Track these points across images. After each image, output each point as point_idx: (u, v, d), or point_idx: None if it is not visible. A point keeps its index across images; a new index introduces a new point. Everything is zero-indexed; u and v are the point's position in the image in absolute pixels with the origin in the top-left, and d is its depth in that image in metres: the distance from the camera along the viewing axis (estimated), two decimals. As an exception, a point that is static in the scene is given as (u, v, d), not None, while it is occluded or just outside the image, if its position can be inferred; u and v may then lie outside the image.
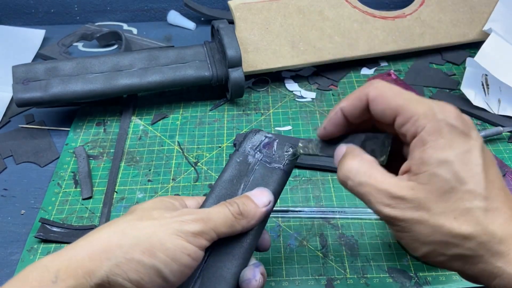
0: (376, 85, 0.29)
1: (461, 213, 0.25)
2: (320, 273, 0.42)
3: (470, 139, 0.26)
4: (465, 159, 0.26)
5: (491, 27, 0.65)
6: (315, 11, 0.64)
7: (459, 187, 0.25)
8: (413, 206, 0.26)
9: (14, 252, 0.46)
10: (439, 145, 0.26)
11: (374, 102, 0.29)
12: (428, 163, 0.26)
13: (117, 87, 0.58)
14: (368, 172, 0.28)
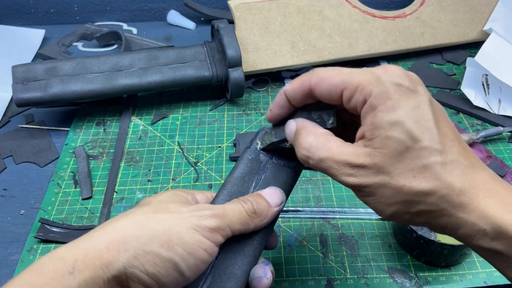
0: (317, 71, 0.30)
1: (419, 170, 0.26)
2: (320, 273, 0.42)
3: (418, 94, 0.27)
4: (415, 116, 0.26)
5: (492, 27, 0.65)
6: (315, 11, 0.64)
7: (414, 146, 0.26)
8: (373, 171, 0.27)
9: (14, 252, 0.46)
10: (388, 107, 0.26)
11: (317, 87, 0.29)
12: (380, 126, 0.26)
13: (117, 87, 0.57)
14: (326, 146, 0.29)
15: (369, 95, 0.27)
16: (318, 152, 0.29)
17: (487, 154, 0.53)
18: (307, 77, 0.30)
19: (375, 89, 0.27)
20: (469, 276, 0.41)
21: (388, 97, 0.26)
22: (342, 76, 0.28)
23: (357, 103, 0.28)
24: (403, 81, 0.27)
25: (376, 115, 0.26)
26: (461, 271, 0.42)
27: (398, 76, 0.27)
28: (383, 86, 0.27)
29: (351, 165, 0.27)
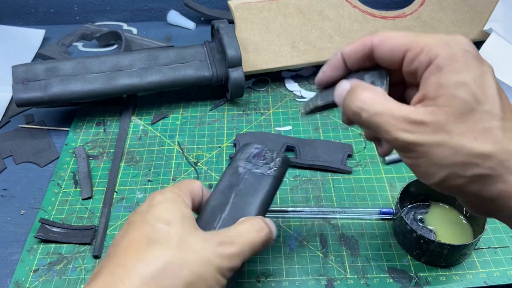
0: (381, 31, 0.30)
1: (481, 133, 0.26)
2: (320, 273, 0.42)
3: (483, 64, 0.27)
4: (481, 82, 0.26)
5: (492, 27, 0.65)
6: (315, 11, 0.64)
7: (478, 108, 0.26)
8: (433, 129, 0.26)
9: (14, 252, 0.46)
10: (455, 68, 0.26)
11: (380, 46, 0.29)
12: (446, 85, 0.26)
13: (117, 87, 0.57)
14: (384, 102, 0.28)
15: (436, 56, 0.27)
16: (374, 106, 0.28)
17: (487, 154, 0.53)
18: (370, 37, 0.30)
19: (442, 51, 0.27)
20: (469, 276, 0.41)
21: (456, 59, 0.27)
22: (407, 37, 0.28)
23: (421, 64, 0.28)
24: (471, 49, 0.27)
25: (443, 75, 0.27)
26: (461, 271, 0.42)
27: (466, 44, 0.27)
28: (451, 50, 0.27)
29: (410, 121, 0.27)
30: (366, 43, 0.30)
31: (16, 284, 0.43)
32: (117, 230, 0.47)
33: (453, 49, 0.27)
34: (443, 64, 0.27)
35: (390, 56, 0.29)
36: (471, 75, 0.26)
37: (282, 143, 0.55)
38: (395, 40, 0.29)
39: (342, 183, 0.51)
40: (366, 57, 0.30)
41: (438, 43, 0.27)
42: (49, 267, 0.44)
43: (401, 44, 0.28)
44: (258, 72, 0.63)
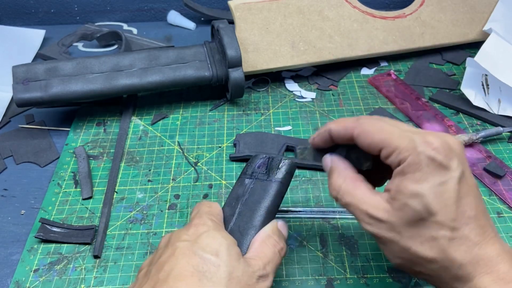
0: (362, 121, 0.32)
1: (427, 239, 0.28)
2: (320, 273, 0.43)
3: (448, 170, 0.28)
4: (438, 192, 0.28)
5: (491, 27, 0.65)
6: (315, 11, 0.64)
7: (428, 218, 0.28)
8: (387, 227, 0.30)
9: (14, 252, 0.46)
10: (415, 178, 0.28)
11: (359, 138, 0.32)
12: (403, 193, 0.29)
13: (117, 87, 0.58)
14: (352, 192, 0.32)
15: (403, 161, 0.29)
16: (345, 196, 0.32)
17: (486, 154, 0.53)
18: (352, 125, 0.32)
19: (409, 158, 0.29)
20: (469, 276, 0.41)
21: (418, 168, 0.28)
22: (383, 135, 0.30)
23: (392, 163, 0.30)
24: (438, 155, 0.28)
25: (403, 181, 0.29)
26: (460, 271, 0.42)
27: (434, 149, 0.28)
28: (417, 157, 0.28)
29: (371, 216, 0.30)
30: (348, 131, 0.32)
31: (17, 284, 0.43)
32: (117, 230, 0.47)
33: (420, 156, 0.28)
34: (406, 171, 0.29)
35: (368, 149, 0.31)
36: (429, 186, 0.28)
37: (282, 143, 0.55)
38: (372, 136, 0.31)
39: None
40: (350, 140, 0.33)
41: (408, 147, 0.29)
42: (50, 267, 0.44)
43: (377, 142, 0.30)
44: (258, 72, 0.63)
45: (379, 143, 0.30)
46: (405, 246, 0.29)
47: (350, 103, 0.62)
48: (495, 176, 0.50)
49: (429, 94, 0.63)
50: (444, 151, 0.28)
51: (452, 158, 0.28)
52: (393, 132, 0.30)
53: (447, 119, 0.58)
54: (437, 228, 0.28)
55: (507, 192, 0.49)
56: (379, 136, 0.30)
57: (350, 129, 0.32)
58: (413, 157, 0.28)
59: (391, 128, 0.30)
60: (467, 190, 0.29)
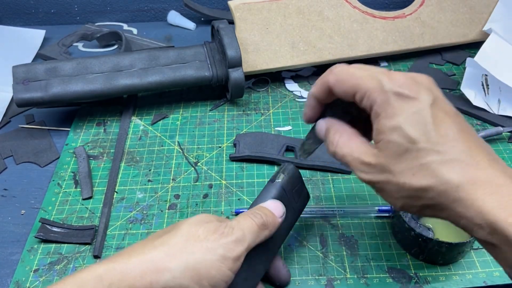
0: (334, 70, 0.32)
1: (417, 169, 0.28)
2: (320, 273, 0.43)
3: (417, 101, 0.29)
4: (413, 121, 0.28)
5: (491, 27, 0.65)
6: (315, 11, 0.64)
7: (412, 147, 0.28)
8: (379, 169, 0.30)
9: (15, 252, 0.46)
10: (388, 114, 0.29)
11: (335, 88, 0.32)
12: (382, 131, 0.29)
13: (117, 87, 0.58)
14: (347, 144, 0.32)
15: (374, 102, 0.30)
16: (341, 149, 0.33)
17: (486, 154, 0.53)
18: (326, 77, 0.33)
19: (378, 98, 0.29)
20: (469, 276, 0.41)
21: (388, 105, 0.29)
22: (354, 80, 0.31)
23: (366, 107, 0.31)
24: (404, 90, 0.29)
25: (379, 122, 0.29)
26: (460, 270, 0.42)
27: (399, 85, 0.29)
28: (385, 95, 0.29)
29: (363, 163, 0.31)
30: (324, 84, 0.33)
31: (17, 284, 0.43)
32: (117, 230, 0.47)
33: (387, 94, 0.29)
34: (379, 111, 0.29)
35: (345, 96, 0.32)
36: (403, 118, 0.28)
37: (282, 143, 0.55)
38: (345, 82, 0.31)
39: (342, 183, 0.51)
40: (331, 94, 0.33)
41: (375, 88, 0.30)
42: (50, 267, 0.44)
43: (350, 87, 0.31)
44: (258, 73, 0.63)
45: (352, 88, 0.31)
46: (399, 182, 0.29)
47: (350, 103, 0.62)
48: (495, 176, 0.50)
49: (429, 94, 0.63)
50: (410, 85, 0.29)
51: (419, 90, 0.29)
52: (362, 76, 0.31)
53: (447, 119, 0.58)
54: (423, 154, 0.28)
55: (507, 192, 0.49)
56: (351, 81, 0.31)
57: (326, 82, 0.33)
58: (382, 96, 0.29)
59: (361, 72, 0.31)
60: (444, 115, 0.29)
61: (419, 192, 0.29)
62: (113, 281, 0.29)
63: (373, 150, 0.31)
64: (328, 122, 0.35)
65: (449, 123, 0.29)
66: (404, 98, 0.29)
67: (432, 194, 0.28)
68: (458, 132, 0.29)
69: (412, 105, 0.29)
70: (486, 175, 0.28)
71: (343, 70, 0.32)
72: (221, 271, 0.31)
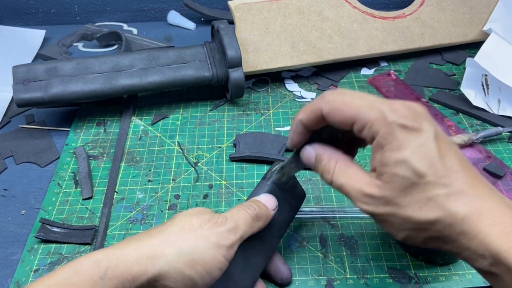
0: (328, 99, 0.31)
1: (424, 202, 0.28)
2: (320, 273, 0.43)
3: (422, 132, 0.29)
4: (420, 154, 0.28)
5: (491, 27, 0.65)
6: (315, 11, 0.64)
7: (419, 181, 0.28)
8: (383, 202, 0.29)
9: (15, 252, 0.46)
10: (393, 147, 0.28)
11: (329, 116, 0.31)
12: (388, 164, 0.29)
13: (117, 87, 0.58)
14: (345, 173, 0.32)
15: (377, 133, 0.29)
16: (339, 177, 0.32)
17: (486, 155, 0.53)
18: (319, 105, 0.31)
19: (381, 130, 0.29)
20: (469, 276, 0.42)
21: (394, 137, 0.28)
22: (352, 111, 0.30)
23: (367, 137, 0.30)
24: (408, 121, 0.28)
25: (384, 154, 0.29)
26: (460, 271, 0.42)
27: (403, 116, 0.29)
28: (389, 127, 0.28)
29: (365, 194, 0.30)
30: (317, 112, 0.32)
31: (17, 284, 0.43)
32: (117, 230, 0.47)
33: (391, 126, 0.28)
34: (383, 143, 0.29)
35: (340, 126, 0.31)
36: (410, 151, 0.28)
37: (282, 143, 0.55)
38: (342, 112, 0.30)
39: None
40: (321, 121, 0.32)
41: (378, 119, 0.29)
42: (50, 267, 0.44)
43: (347, 117, 0.30)
44: (258, 73, 0.63)
45: (350, 119, 0.30)
46: (405, 215, 0.29)
47: (350, 103, 0.62)
48: (495, 176, 0.50)
49: (429, 94, 0.63)
50: (412, 116, 0.29)
51: (421, 121, 0.29)
52: (361, 106, 0.30)
53: (447, 119, 0.58)
54: (430, 188, 0.28)
55: (507, 192, 0.49)
56: (349, 111, 0.30)
57: (318, 110, 0.32)
58: (386, 128, 0.29)
59: (359, 102, 0.30)
60: (446, 147, 0.29)
61: (425, 225, 0.29)
62: (109, 265, 0.29)
63: (375, 182, 0.30)
64: (318, 149, 0.34)
65: (452, 155, 0.29)
66: (409, 130, 0.28)
67: (438, 227, 0.28)
68: (460, 164, 0.29)
69: (417, 138, 0.28)
70: (488, 206, 0.28)
71: (338, 98, 0.31)
72: (215, 258, 0.31)
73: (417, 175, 0.28)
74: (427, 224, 0.28)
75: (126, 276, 0.29)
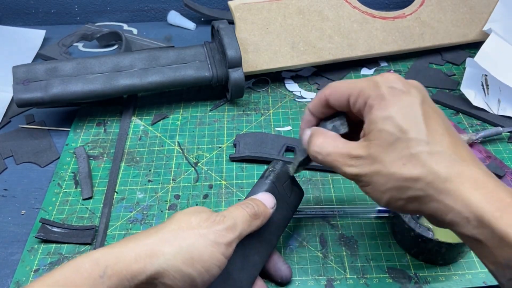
0: (330, 84, 0.35)
1: (408, 159, 0.29)
2: (320, 273, 0.43)
3: (409, 95, 0.31)
4: (405, 113, 0.30)
5: (491, 27, 0.65)
6: (315, 12, 0.64)
7: (403, 137, 0.29)
8: (369, 161, 0.31)
9: (15, 252, 0.46)
10: (382, 106, 0.30)
11: (330, 97, 0.34)
12: (375, 121, 0.30)
13: (117, 87, 0.58)
14: (332, 144, 0.33)
15: (368, 97, 0.31)
16: (326, 148, 0.33)
17: (486, 155, 0.53)
18: (323, 92, 0.35)
19: (372, 92, 0.31)
20: (469, 276, 0.42)
21: (382, 98, 0.31)
22: (349, 85, 0.33)
23: (360, 106, 0.32)
24: (397, 85, 0.31)
25: (372, 113, 0.31)
26: (460, 271, 0.42)
27: (392, 81, 0.31)
28: (379, 90, 0.31)
29: (351, 156, 0.32)
30: (321, 97, 0.35)
31: (17, 284, 0.43)
32: (118, 230, 0.47)
33: (381, 89, 0.31)
34: (373, 103, 0.31)
35: (339, 103, 0.34)
36: (396, 109, 0.30)
37: (282, 143, 0.55)
38: (340, 89, 0.33)
39: (342, 184, 0.51)
40: (326, 107, 0.35)
41: (369, 85, 0.31)
42: (50, 267, 0.44)
43: (344, 92, 0.33)
44: (258, 73, 0.63)
45: (346, 92, 0.33)
46: (389, 172, 0.30)
47: (350, 103, 0.62)
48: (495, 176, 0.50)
49: (429, 94, 0.63)
50: (402, 82, 0.31)
51: (410, 87, 0.31)
52: (356, 81, 0.33)
53: (447, 119, 0.58)
54: (414, 144, 0.29)
55: (506, 192, 0.49)
56: (346, 86, 0.33)
57: (322, 95, 0.35)
58: (376, 90, 0.31)
59: (354, 80, 0.33)
60: (432, 112, 0.31)
61: (408, 182, 0.29)
62: (109, 263, 0.29)
63: (362, 143, 0.31)
64: (313, 129, 0.36)
65: (438, 120, 0.30)
66: (397, 92, 0.30)
67: (420, 184, 0.29)
68: (445, 128, 0.30)
69: (404, 99, 0.30)
70: (472, 171, 0.28)
71: (338, 82, 0.34)
72: (214, 256, 0.32)
73: (401, 131, 0.29)
74: (410, 180, 0.29)
75: (125, 274, 0.29)
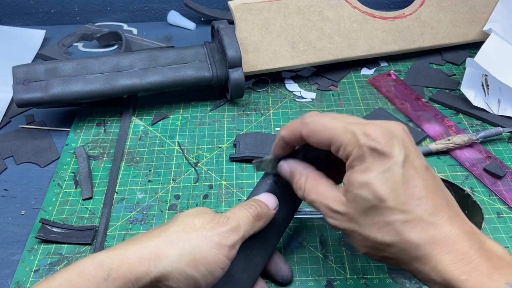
0: (306, 121, 0.33)
1: (382, 225, 0.30)
2: (320, 273, 0.43)
3: (390, 158, 0.29)
4: (383, 178, 0.29)
5: (491, 27, 0.65)
6: (315, 12, 0.64)
7: (379, 204, 0.29)
8: (347, 218, 0.31)
9: (15, 252, 0.46)
10: (361, 169, 0.30)
11: (308, 138, 0.33)
12: (353, 184, 0.30)
13: (117, 87, 0.58)
14: (315, 190, 0.34)
15: (350, 155, 0.31)
16: (309, 194, 0.34)
17: (486, 155, 0.53)
18: (299, 127, 0.34)
19: (353, 152, 0.30)
20: (469, 276, 0.41)
21: (363, 160, 0.30)
22: (328, 132, 0.32)
23: (342, 157, 0.32)
24: (378, 145, 0.29)
25: (352, 174, 0.31)
26: (460, 271, 0.42)
27: (375, 140, 0.30)
28: (360, 150, 0.30)
29: (331, 210, 0.32)
30: (297, 133, 0.34)
31: (17, 284, 0.43)
32: (118, 230, 0.47)
33: (362, 149, 0.30)
34: (353, 164, 0.31)
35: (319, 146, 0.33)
36: (374, 174, 0.29)
37: (282, 143, 0.55)
38: (318, 135, 0.32)
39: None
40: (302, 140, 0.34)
41: (351, 142, 0.30)
42: (50, 267, 0.44)
43: (324, 141, 0.32)
44: (258, 73, 0.63)
45: (326, 141, 0.32)
46: (364, 234, 0.30)
47: (350, 104, 0.62)
48: (495, 176, 0.50)
49: (429, 94, 0.63)
50: (384, 139, 0.30)
51: (392, 145, 0.30)
52: (336, 128, 0.31)
53: (447, 119, 0.58)
54: (389, 213, 0.29)
55: (507, 193, 0.49)
56: (325, 133, 0.32)
57: (298, 131, 0.34)
58: (357, 150, 0.30)
59: (334, 124, 0.32)
60: (413, 173, 0.30)
61: (382, 246, 0.30)
62: (112, 266, 0.29)
63: (342, 198, 0.32)
64: (290, 164, 0.36)
65: (418, 181, 0.30)
66: (379, 154, 0.29)
67: (394, 250, 0.30)
68: (425, 189, 0.30)
69: (385, 163, 0.29)
70: (444, 233, 0.29)
71: (316, 121, 0.33)
72: (217, 258, 0.32)
73: (377, 199, 0.29)
74: (384, 245, 0.30)
75: (129, 277, 0.29)
